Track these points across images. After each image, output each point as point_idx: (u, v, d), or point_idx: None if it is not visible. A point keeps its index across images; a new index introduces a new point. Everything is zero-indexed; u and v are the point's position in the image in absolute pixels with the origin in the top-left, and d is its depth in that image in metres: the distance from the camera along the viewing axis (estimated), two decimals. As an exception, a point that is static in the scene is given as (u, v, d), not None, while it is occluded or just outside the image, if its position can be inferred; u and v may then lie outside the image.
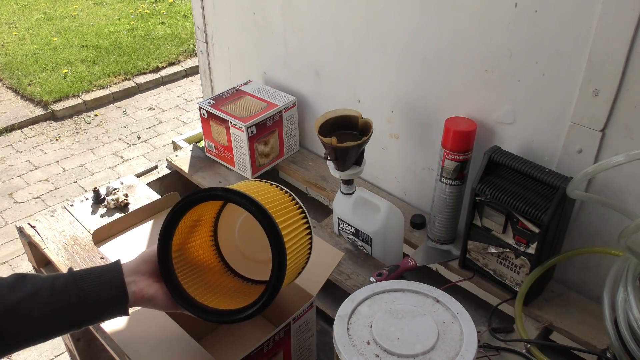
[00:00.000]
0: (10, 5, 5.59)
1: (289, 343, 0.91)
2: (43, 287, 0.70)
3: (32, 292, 0.69)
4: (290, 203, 0.84)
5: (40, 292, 0.69)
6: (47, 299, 0.69)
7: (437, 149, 1.11)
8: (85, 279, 0.72)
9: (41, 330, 0.70)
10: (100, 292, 0.72)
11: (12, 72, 4.27)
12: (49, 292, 0.69)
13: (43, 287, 0.70)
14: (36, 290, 0.69)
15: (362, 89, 1.30)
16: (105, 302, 0.73)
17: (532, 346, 0.92)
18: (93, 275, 0.73)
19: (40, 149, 3.52)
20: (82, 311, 0.71)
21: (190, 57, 4.65)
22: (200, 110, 1.43)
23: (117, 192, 1.33)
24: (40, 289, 0.69)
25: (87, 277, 0.72)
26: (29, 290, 0.68)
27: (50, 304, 0.69)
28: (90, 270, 0.74)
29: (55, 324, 0.71)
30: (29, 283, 0.69)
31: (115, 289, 0.74)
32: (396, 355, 0.69)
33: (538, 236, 0.94)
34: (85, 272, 0.73)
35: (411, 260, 1.12)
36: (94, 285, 0.72)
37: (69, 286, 0.71)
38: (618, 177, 0.93)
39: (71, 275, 0.72)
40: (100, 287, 0.72)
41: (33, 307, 0.68)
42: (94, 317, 0.74)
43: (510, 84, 1.00)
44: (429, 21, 1.07)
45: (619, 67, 0.84)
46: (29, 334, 0.69)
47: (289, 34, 1.40)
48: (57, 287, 0.70)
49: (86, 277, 0.72)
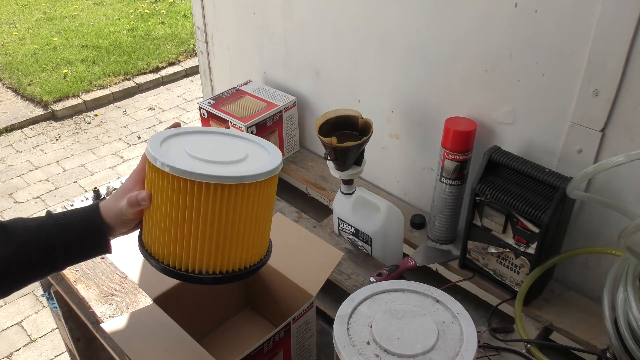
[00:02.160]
0: (10, 5, 5.59)
1: (289, 343, 0.91)
2: (29, 241, 0.72)
3: (20, 244, 0.71)
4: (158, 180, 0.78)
5: (28, 245, 0.72)
6: (34, 252, 0.72)
7: (437, 149, 1.11)
8: (64, 216, 0.75)
9: (32, 276, 0.74)
10: (82, 241, 0.76)
11: (12, 72, 4.27)
12: (35, 245, 0.72)
13: (29, 241, 0.72)
14: (23, 242, 0.72)
15: (362, 89, 1.29)
16: (89, 249, 0.78)
17: (532, 346, 0.92)
18: (71, 212, 0.76)
19: (40, 149, 3.52)
20: (68, 258, 0.76)
21: (190, 57, 4.65)
22: (201, 110, 1.43)
23: (117, 192, 1.33)
24: (27, 242, 0.72)
25: (64, 214, 0.75)
26: (14, 246, 0.71)
27: (37, 254, 0.72)
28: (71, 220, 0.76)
29: (43, 271, 0.75)
30: (11, 236, 0.71)
31: (96, 238, 0.77)
32: (396, 355, 0.69)
33: (538, 236, 0.94)
34: (63, 212, 0.76)
35: (411, 260, 1.12)
36: (70, 218, 0.75)
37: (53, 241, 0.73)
38: (618, 177, 0.93)
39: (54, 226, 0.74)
40: (77, 218, 0.75)
41: (23, 261, 0.72)
42: (79, 259, 0.78)
43: (510, 84, 1.00)
44: (429, 21, 1.07)
45: (619, 67, 0.84)
46: (21, 280, 0.74)
47: (289, 34, 1.40)
48: (42, 241, 0.73)
49: (64, 215, 0.75)
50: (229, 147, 0.79)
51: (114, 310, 1.04)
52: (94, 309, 1.04)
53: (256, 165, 0.75)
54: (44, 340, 2.23)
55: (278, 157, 0.77)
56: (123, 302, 1.05)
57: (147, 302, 0.97)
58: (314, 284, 0.93)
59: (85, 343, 1.41)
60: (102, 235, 0.76)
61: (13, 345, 2.21)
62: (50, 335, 2.25)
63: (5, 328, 2.29)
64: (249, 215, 0.74)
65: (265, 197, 0.76)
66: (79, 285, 1.07)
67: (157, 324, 0.87)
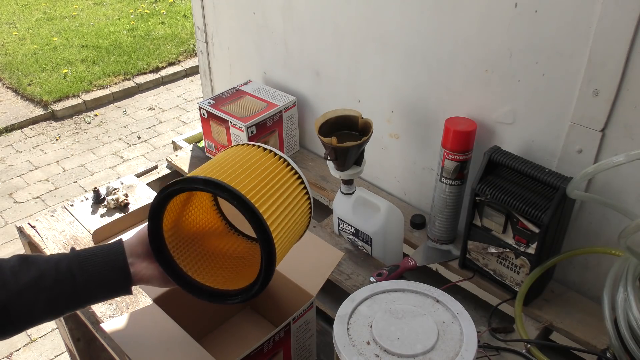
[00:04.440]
0: (10, 5, 5.59)
1: (289, 343, 0.91)
2: (47, 270, 0.69)
3: (36, 276, 0.68)
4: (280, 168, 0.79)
5: (44, 276, 0.69)
6: (52, 283, 0.69)
7: (437, 149, 1.11)
8: (89, 260, 0.72)
9: (47, 313, 0.71)
10: (105, 274, 0.72)
11: (12, 72, 4.27)
12: (54, 275, 0.69)
13: (47, 270, 0.69)
14: (40, 274, 0.69)
15: (362, 89, 1.30)
16: (110, 284, 0.74)
17: (532, 346, 0.92)
18: (97, 256, 0.73)
19: (40, 149, 3.52)
20: (87, 293, 0.72)
21: (190, 57, 4.65)
22: (200, 110, 1.43)
23: (117, 192, 1.33)
24: (45, 272, 0.69)
25: (90, 258, 0.72)
26: (33, 275, 0.68)
27: (55, 287, 0.69)
28: (94, 251, 0.73)
29: (61, 305, 0.71)
30: (32, 266, 0.69)
31: (120, 271, 0.73)
32: (396, 355, 0.69)
33: (538, 236, 0.94)
34: (89, 253, 0.73)
35: (411, 260, 1.12)
36: (97, 267, 0.72)
37: (73, 269, 0.70)
38: (618, 177, 0.93)
39: (75, 257, 0.72)
40: (105, 268, 0.72)
41: (39, 291, 0.68)
42: (99, 297, 0.74)
43: (510, 84, 1.00)
44: (429, 21, 1.07)
45: (619, 67, 0.84)
46: (35, 316, 0.70)
47: (289, 34, 1.40)
48: (62, 270, 0.70)
49: (89, 259, 0.72)
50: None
51: (114, 310, 1.04)
52: (94, 309, 1.04)
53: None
54: (44, 340, 2.24)
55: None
56: (123, 302, 1.05)
57: (147, 302, 0.97)
58: (314, 284, 0.93)
59: (85, 343, 1.41)
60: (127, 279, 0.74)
61: (13, 345, 2.21)
62: (50, 335, 2.25)
63: None
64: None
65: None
66: (79, 285, 1.07)
67: (157, 324, 0.87)
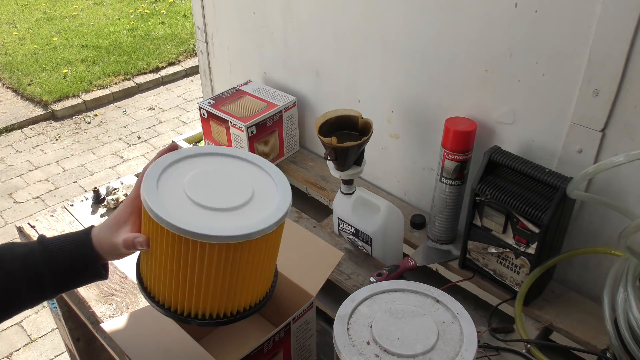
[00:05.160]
0: (10, 5, 5.59)
1: (289, 343, 0.91)
2: (15, 270, 0.69)
3: (6, 273, 0.69)
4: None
5: (14, 275, 0.69)
6: (21, 281, 0.70)
7: (437, 149, 1.11)
8: (57, 258, 0.71)
9: (20, 304, 0.71)
10: (73, 269, 0.72)
11: (12, 72, 4.27)
12: (21, 274, 0.70)
13: (15, 270, 0.69)
14: (8, 274, 0.69)
15: (362, 89, 1.30)
16: (79, 277, 0.74)
17: (532, 346, 0.92)
18: (64, 251, 0.72)
19: (40, 149, 3.52)
20: (56, 288, 0.72)
21: (190, 57, 4.65)
22: (200, 110, 1.43)
23: (117, 192, 1.33)
24: (13, 271, 0.69)
25: (57, 254, 0.71)
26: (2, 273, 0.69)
27: (24, 284, 0.70)
28: (61, 245, 0.72)
29: (31, 298, 0.72)
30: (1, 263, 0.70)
31: (88, 265, 0.73)
32: (396, 355, 0.69)
33: (538, 236, 0.94)
34: (55, 248, 0.72)
35: (411, 260, 1.12)
36: (65, 261, 0.71)
37: (40, 269, 0.70)
38: (618, 177, 0.93)
39: (40, 253, 0.71)
40: (72, 264, 0.72)
41: (9, 290, 0.69)
42: (70, 288, 0.75)
43: (510, 84, 1.00)
44: (430, 21, 1.07)
45: (619, 67, 0.84)
46: (8, 309, 0.71)
47: (289, 34, 1.40)
48: (29, 269, 0.70)
49: (56, 256, 0.71)
50: (232, 181, 0.73)
51: (114, 310, 1.04)
52: (94, 309, 1.04)
53: (264, 209, 0.69)
54: (44, 340, 2.24)
55: (287, 195, 0.72)
56: (123, 302, 1.05)
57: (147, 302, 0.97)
58: (314, 284, 0.93)
59: (85, 343, 1.41)
60: (94, 264, 0.73)
61: (13, 345, 2.21)
62: (50, 335, 2.25)
63: (5, 328, 2.29)
64: (255, 263, 0.71)
65: (272, 242, 0.73)
66: (79, 285, 1.07)
67: (157, 324, 0.87)
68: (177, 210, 0.65)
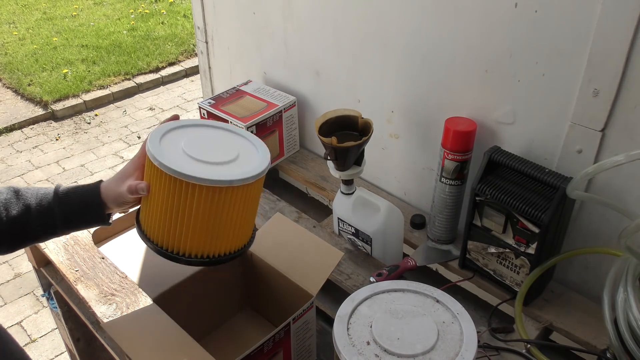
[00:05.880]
0: (10, 5, 5.59)
1: (289, 343, 0.91)
2: (33, 205, 0.83)
3: (24, 210, 0.82)
4: None
5: (30, 210, 0.82)
6: (36, 215, 0.83)
7: (437, 149, 1.11)
8: (69, 203, 0.84)
9: (33, 236, 0.85)
10: (82, 215, 0.85)
11: (12, 72, 4.27)
12: (38, 209, 0.83)
13: (33, 205, 0.83)
14: (27, 208, 0.82)
15: (362, 89, 1.30)
16: (87, 222, 0.87)
17: (532, 346, 0.92)
18: (76, 198, 0.85)
19: (40, 149, 3.52)
20: (66, 226, 0.86)
21: (190, 57, 4.65)
22: (200, 110, 1.43)
23: (117, 192, 1.33)
24: (31, 206, 0.83)
25: (69, 200, 0.85)
26: (21, 210, 0.82)
27: (39, 219, 0.83)
28: (75, 192, 0.85)
29: (44, 232, 0.85)
30: (21, 199, 0.83)
31: (95, 213, 0.85)
32: (396, 355, 0.69)
33: (538, 236, 0.94)
34: (69, 195, 0.85)
35: (411, 260, 1.12)
36: (75, 208, 0.84)
37: (53, 208, 0.83)
38: (618, 177, 0.93)
39: (56, 196, 0.84)
40: (81, 205, 0.85)
41: (26, 224, 0.82)
42: (80, 228, 0.88)
43: (510, 84, 1.00)
44: (429, 21, 1.07)
45: (619, 67, 0.84)
46: (23, 238, 0.85)
47: (289, 34, 1.40)
48: (44, 205, 0.83)
49: (69, 201, 0.85)
50: (222, 145, 0.87)
51: (114, 310, 1.04)
52: (94, 309, 1.04)
53: (246, 166, 0.82)
54: (44, 340, 2.23)
55: (266, 159, 0.85)
56: (123, 302, 1.05)
57: (147, 302, 0.97)
58: (314, 284, 0.93)
59: (85, 343, 1.41)
60: (100, 210, 0.85)
61: (13, 345, 2.21)
62: (50, 335, 2.25)
63: (5, 328, 2.29)
64: (237, 211, 0.83)
65: (252, 194, 0.85)
66: (79, 285, 1.07)
67: (157, 324, 0.87)
68: (175, 160, 0.79)
